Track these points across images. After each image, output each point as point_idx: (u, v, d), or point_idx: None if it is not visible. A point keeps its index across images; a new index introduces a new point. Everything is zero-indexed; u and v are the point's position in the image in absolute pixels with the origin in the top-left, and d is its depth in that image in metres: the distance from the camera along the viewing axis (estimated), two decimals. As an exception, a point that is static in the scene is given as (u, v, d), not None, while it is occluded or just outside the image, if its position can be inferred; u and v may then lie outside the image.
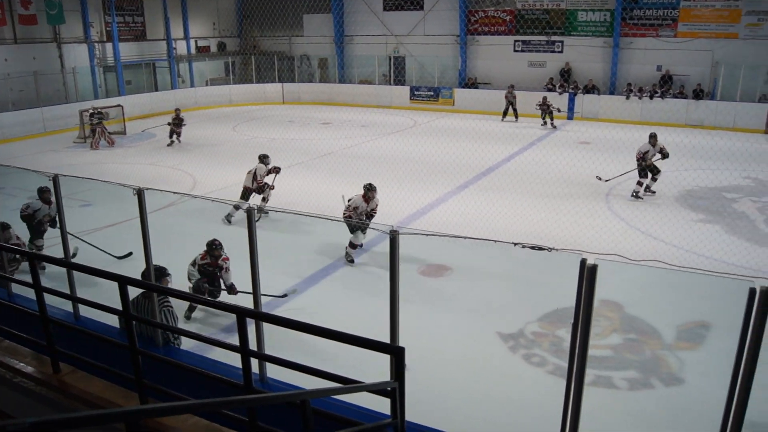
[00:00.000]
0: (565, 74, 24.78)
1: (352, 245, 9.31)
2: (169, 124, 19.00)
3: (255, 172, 11.81)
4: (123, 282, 3.84)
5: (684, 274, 7.72)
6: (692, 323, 7.40)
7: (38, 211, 9.49)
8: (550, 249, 3.68)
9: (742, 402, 3.54)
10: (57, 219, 8.58)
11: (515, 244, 3.77)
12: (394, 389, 3.42)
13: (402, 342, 4.01)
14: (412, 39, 28.02)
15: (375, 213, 9.67)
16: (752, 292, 3.39)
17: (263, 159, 12.03)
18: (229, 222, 11.29)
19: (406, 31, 28.10)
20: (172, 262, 8.93)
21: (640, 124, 21.02)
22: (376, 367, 4.15)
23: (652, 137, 12.90)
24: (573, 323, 3.64)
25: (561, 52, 25.31)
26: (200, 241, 10.50)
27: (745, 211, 11.89)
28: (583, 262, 3.47)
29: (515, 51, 26.23)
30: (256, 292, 4.74)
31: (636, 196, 12.77)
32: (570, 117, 23.61)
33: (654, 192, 12.98)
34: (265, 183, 11.85)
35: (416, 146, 16.71)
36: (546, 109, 21.61)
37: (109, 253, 9.19)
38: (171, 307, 5.36)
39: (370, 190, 9.55)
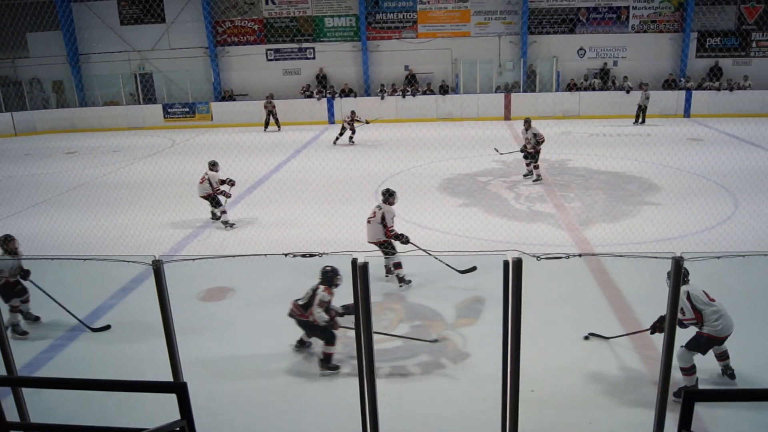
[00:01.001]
0: (321, 80, 25.64)
1: (397, 267, 8.52)
2: None
3: (209, 180, 11.43)
4: None
5: (454, 256, 8.44)
6: (467, 300, 8.10)
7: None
8: (320, 254, 3.79)
9: (515, 359, 3.97)
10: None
11: (285, 254, 3.81)
12: (183, 428, 3.25)
13: (190, 375, 3.83)
14: (157, 54, 26.80)
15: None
16: (506, 263, 3.82)
17: (213, 167, 11.63)
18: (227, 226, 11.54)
19: (149, 46, 26.82)
20: None
21: (397, 122, 22.50)
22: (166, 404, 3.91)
23: (525, 122, 14.19)
24: (354, 320, 3.78)
25: (314, 58, 26.15)
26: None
27: (497, 192, 13.34)
28: (354, 261, 3.63)
29: (268, 60, 26.51)
30: (6, 356, 4.19)
31: (526, 176, 14.23)
32: (331, 121, 24.50)
33: (539, 178, 14.04)
34: (222, 191, 11.48)
35: (176, 167, 16.04)
36: (351, 125, 20.00)
37: (84, 324, 7.56)
38: None
39: (392, 195, 8.89)
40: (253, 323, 7.89)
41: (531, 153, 14.07)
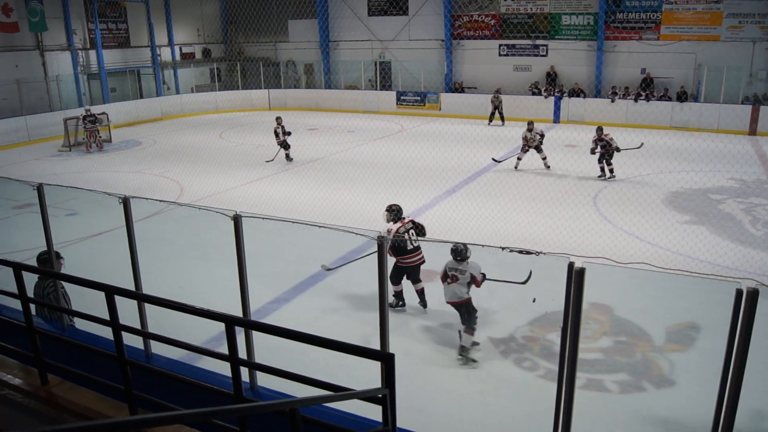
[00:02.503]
0: (551, 78, 24.95)
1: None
2: None
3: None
4: (110, 292, 3.81)
5: (672, 276, 7.78)
6: (681, 325, 7.44)
7: None
8: (537, 253, 3.70)
9: (732, 403, 3.57)
10: None
11: (503, 248, 3.78)
12: (385, 396, 3.41)
13: (393, 348, 4.01)
14: (397, 44, 28.08)
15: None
16: (739, 293, 3.42)
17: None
18: None
19: (391, 36, 28.16)
20: (161, 270, 8.91)
21: (625, 127, 21.15)
22: (367, 375, 4.14)
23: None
24: (562, 327, 3.65)
25: (546, 55, 25.49)
26: (187, 249, 10.47)
27: (731, 212, 12.00)
28: (570, 265, 3.48)
29: (500, 55, 26.37)
30: (245, 301, 4.72)
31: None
32: (556, 120, 23.76)
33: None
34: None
35: (404, 151, 16.74)
36: (608, 149, 14.55)
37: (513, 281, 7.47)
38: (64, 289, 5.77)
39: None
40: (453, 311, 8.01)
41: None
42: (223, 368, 3.88)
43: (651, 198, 12.87)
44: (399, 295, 8.11)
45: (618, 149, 14.38)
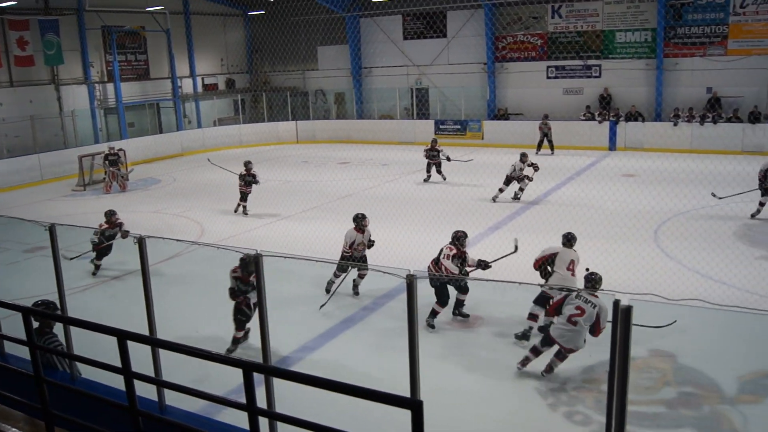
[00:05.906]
0: (605, 101, 24.88)
1: None
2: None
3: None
4: (122, 336, 3.95)
5: (745, 317, 7.63)
6: (756, 373, 7.28)
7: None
8: (578, 290, 3.73)
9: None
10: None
11: (542, 285, 3.82)
12: (414, 447, 3.44)
13: (429, 397, 4.04)
14: (435, 69, 28.44)
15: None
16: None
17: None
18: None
19: (428, 61, 28.55)
20: (178, 315, 9.11)
21: (690, 153, 20.88)
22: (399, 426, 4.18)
23: None
24: (609, 371, 3.64)
25: (599, 76, 25.49)
26: (206, 292, 10.67)
27: (813, 246, 11.73)
28: (616, 303, 3.48)
29: (548, 77, 26.48)
30: (265, 347, 4.83)
31: None
32: (612, 148, 23.64)
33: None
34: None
35: (442, 185, 16.85)
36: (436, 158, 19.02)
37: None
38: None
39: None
40: (496, 357, 7.98)
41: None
42: (243, 422, 3.96)
43: (720, 231, 12.66)
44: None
45: (448, 158, 18.75)
